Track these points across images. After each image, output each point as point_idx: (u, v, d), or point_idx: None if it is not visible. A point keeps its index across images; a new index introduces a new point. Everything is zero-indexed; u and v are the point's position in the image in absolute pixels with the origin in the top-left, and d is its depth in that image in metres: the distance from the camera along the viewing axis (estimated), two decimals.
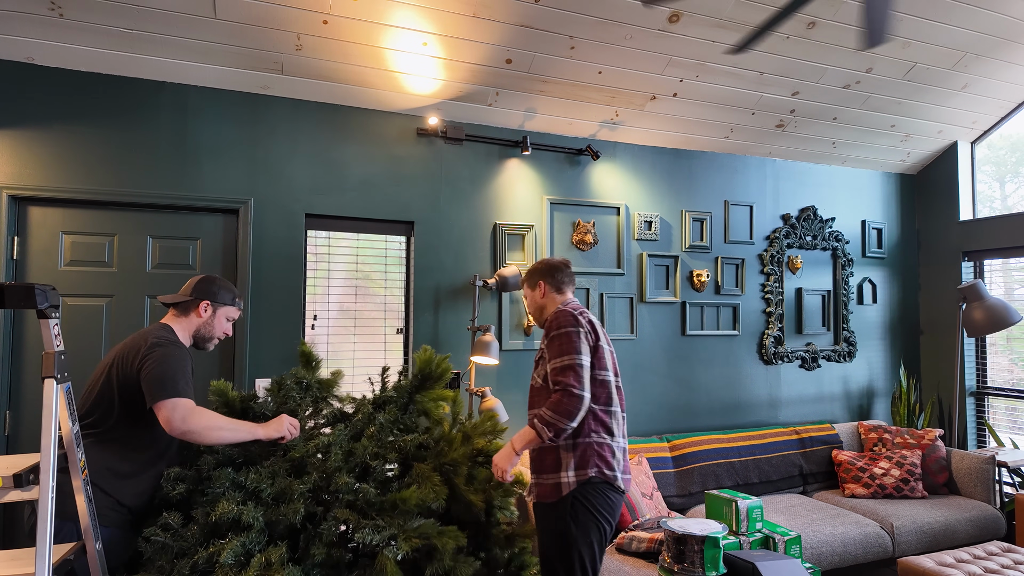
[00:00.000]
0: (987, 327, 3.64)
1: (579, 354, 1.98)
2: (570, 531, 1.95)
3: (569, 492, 1.96)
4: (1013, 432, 4.06)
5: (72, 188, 2.65)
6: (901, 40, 3.25)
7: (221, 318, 2.05)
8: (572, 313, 2.06)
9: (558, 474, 1.98)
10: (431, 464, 1.92)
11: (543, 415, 1.95)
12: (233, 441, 1.81)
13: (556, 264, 2.25)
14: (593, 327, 2.07)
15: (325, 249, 3.11)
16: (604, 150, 3.64)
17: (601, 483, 1.98)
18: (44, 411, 1.38)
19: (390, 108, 3.17)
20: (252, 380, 2.87)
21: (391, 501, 1.71)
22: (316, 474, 1.78)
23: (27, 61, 2.60)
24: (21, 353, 2.61)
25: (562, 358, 1.98)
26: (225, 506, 1.61)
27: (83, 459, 1.53)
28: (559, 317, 2.06)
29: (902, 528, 3.13)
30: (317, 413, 2.13)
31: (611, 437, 2.03)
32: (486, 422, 2.21)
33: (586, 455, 1.97)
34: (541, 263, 2.27)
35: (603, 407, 2.04)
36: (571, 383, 1.94)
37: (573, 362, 1.97)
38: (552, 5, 2.70)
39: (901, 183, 4.56)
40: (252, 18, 2.55)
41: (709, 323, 3.87)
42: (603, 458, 1.99)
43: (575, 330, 2.01)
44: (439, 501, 1.79)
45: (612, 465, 2.00)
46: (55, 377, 1.41)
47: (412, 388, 2.17)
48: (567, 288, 2.25)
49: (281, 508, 1.66)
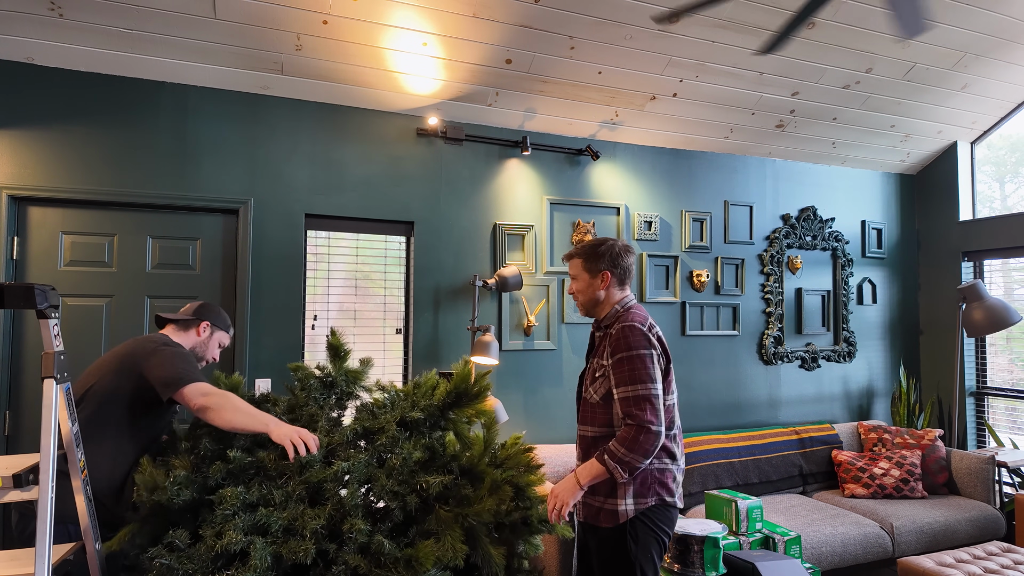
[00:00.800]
0: (987, 327, 3.64)
1: (654, 383, 1.79)
2: (630, 550, 1.82)
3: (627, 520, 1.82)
4: (1013, 432, 4.06)
5: (72, 188, 2.65)
6: (901, 40, 3.25)
7: (215, 342, 2.16)
8: (644, 332, 1.84)
9: (615, 500, 1.83)
10: (452, 512, 1.76)
11: (616, 452, 1.76)
12: (246, 428, 1.75)
13: (625, 249, 1.98)
14: (663, 345, 1.89)
15: (325, 249, 3.11)
16: (604, 150, 3.64)
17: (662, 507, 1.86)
18: (44, 411, 1.38)
19: (390, 108, 3.17)
20: (252, 380, 2.87)
21: (406, 557, 1.62)
22: (331, 507, 1.67)
23: (27, 61, 2.60)
24: (21, 353, 2.61)
25: (636, 387, 1.78)
26: (233, 536, 1.54)
27: (83, 459, 1.53)
28: (632, 335, 1.82)
29: (902, 528, 3.13)
30: (342, 407, 2.02)
31: (672, 461, 1.89)
32: (521, 454, 1.99)
33: (647, 483, 1.83)
34: (606, 244, 1.97)
35: (667, 431, 1.87)
36: (648, 419, 1.75)
37: (649, 393, 1.77)
38: (552, 5, 2.70)
39: (901, 183, 4.56)
40: (252, 18, 2.55)
41: (709, 323, 3.87)
42: (664, 484, 1.86)
43: (649, 353, 1.81)
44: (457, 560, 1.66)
45: (672, 491, 1.87)
46: (55, 377, 1.41)
47: (445, 405, 2.00)
48: (629, 282, 2.00)
49: (291, 543, 1.58)
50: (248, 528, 1.59)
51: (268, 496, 1.66)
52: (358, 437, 1.90)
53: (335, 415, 2.01)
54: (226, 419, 1.74)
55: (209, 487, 1.72)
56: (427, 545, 1.63)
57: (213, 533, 1.58)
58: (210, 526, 1.61)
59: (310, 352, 3.06)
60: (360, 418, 1.95)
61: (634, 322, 1.85)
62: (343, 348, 2.10)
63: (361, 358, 2.13)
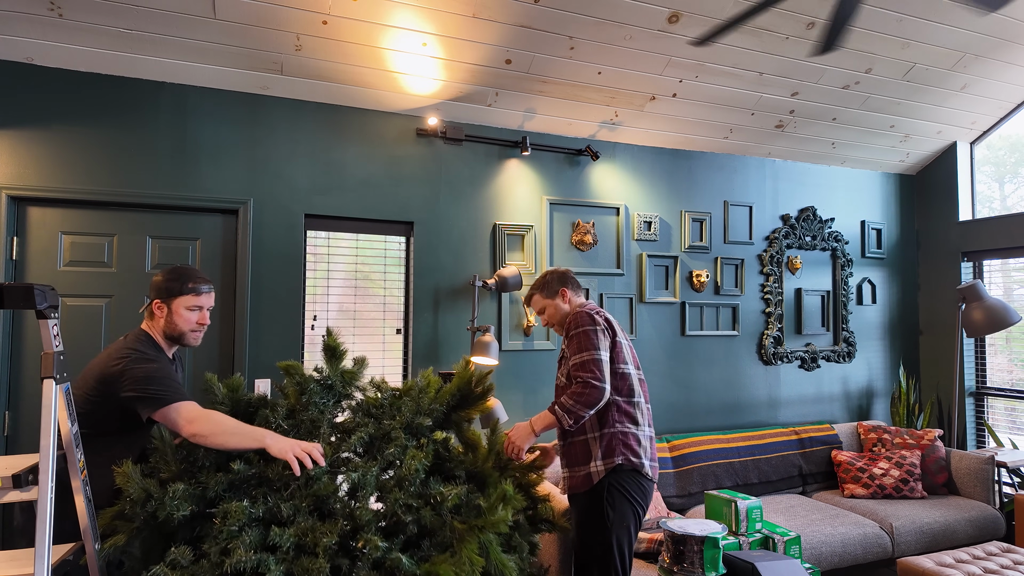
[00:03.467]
0: (986, 327, 3.64)
1: (597, 349, 2.11)
2: (607, 515, 2.07)
3: (600, 480, 2.08)
4: (1012, 432, 4.06)
5: (71, 188, 2.65)
6: (900, 41, 3.25)
7: (179, 311, 1.89)
8: (588, 312, 2.19)
9: (588, 465, 2.12)
10: (468, 524, 1.72)
11: (564, 402, 2.08)
12: (241, 448, 1.69)
13: (566, 270, 2.42)
14: (610, 324, 2.21)
15: (324, 249, 3.11)
16: (604, 150, 3.64)
17: (630, 470, 2.10)
18: (43, 411, 1.38)
19: (389, 108, 3.17)
20: (251, 380, 2.87)
21: (424, 573, 1.57)
22: (343, 522, 1.61)
23: (26, 61, 2.60)
24: (20, 353, 2.61)
25: (581, 354, 2.11)
26: (242, 554, 1.48)
27: (82, 459, 1.53)
28: (576, 318, 2.19)
29: (901, 528, 3.14)
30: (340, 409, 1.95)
31: (636, 426, 2.16)
32: None
33: (612, 444, 2.10)
34: (548, 273, 2.40)
35: (626, 398, 2.17)
36: (592, 376, 2.07)
37: (592, 356, 2.09)
38: (552, 6, 2.70)
39: (900, 183, 4.56)
40: (251, 18, 2.55)
41: (709, 323, 3.87)
42: (628, 446, 2.11)
43: (592, 328, 2.15)
44: (475, 574, 1.63)
45: (638, 453, 2.13)
46: (54, 377, 1.41)
47: (450, 407, 2.01)
48: (581, 289, 2.43)
49: (304, 561, 1.51)
50: (257, 545, 1.53)
51: (275, 510, 1.60)
52: (364, 445, 1.86)
53: (337, 419, 1.95)
54: (220, 443, 1.69)
55: (208, 499, 1.65)
56: (444, 560, 1.59)
57: (218, 550, 1.51)
58: (214, 542, 1.54)
59: (309, 352, 3.06)
60: (364, 423, 1.89)
61: (581, 310, 2.21)
62: (339, 348, 2.04)
63: (355, 357, 2.08)
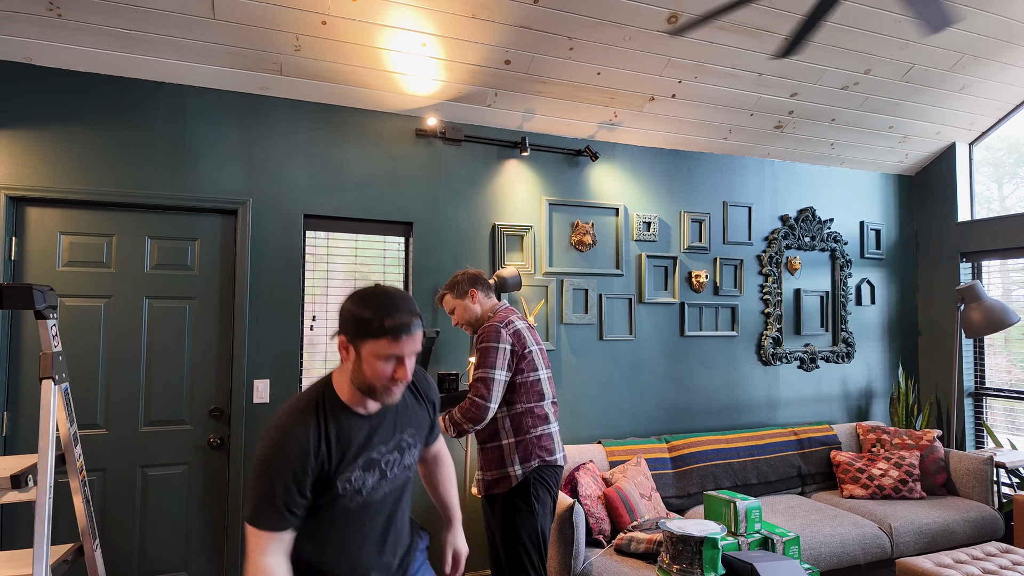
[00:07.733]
0: (985, 328, 3.65)
1: (494, 368, 2.20)
2: (535, 508, 2.21)
3: (520, 482, 2.22)
4: (1011, 433, 4.06)
5: (70, 188, 2.64)
6: (899, 41, 3.25)
7: (368, 358, 1.31)
8: (496, 328, 2.26)
9: (504, 468, 2.23)
10: None
11: (453, 415, 2.22)
12: None
13: (477, 272, 2.45)
14: (519, 335, 2.27)
15: (324, 250, 3.11)
16: (603, 151, 3.65)
17: (547, 466, 2.26)
18: (42, 412, 1.38)
19: (389, 109, 3.17)
20: (251, 381, 2.87)
21: None
22: None
23: (25, 61, 2.60)
24: (19, 354, 2.61)
25: (479, 370, 2.21)
26: None
27: (81, 459, 1.53)
28: (486, 332, 2.26)
29: (900, 529, 3.14)
30: None
31: (548, 424, 2.30)
32: None
33: (528, 449, 2.23)
34: (459, 274, 2.43)
35: (537, 403, 2.30)
36: (481, 394, 2.18)
37: (486, 375, 2.20)
38: (551, 6, 2.70)
39: (899, 184, 4.56)
40: (251, 19, 2.55)
41: (708, 324, 3.87)
42: (544, 447, 2.26)
43: (495, 345, 2.23)
44: None
45: (552, 450, 2.28)
46: (53, 378, 1.40)
47: None
48: (492, 291, 2.44)
49: None
50: None
51: None
52: None
53: None
54: None
55: None
56: None
57: None
58: None
59: (309, 353, 3.06)
60: None
61: (492, 322, 2.28)
62: None
63: None
